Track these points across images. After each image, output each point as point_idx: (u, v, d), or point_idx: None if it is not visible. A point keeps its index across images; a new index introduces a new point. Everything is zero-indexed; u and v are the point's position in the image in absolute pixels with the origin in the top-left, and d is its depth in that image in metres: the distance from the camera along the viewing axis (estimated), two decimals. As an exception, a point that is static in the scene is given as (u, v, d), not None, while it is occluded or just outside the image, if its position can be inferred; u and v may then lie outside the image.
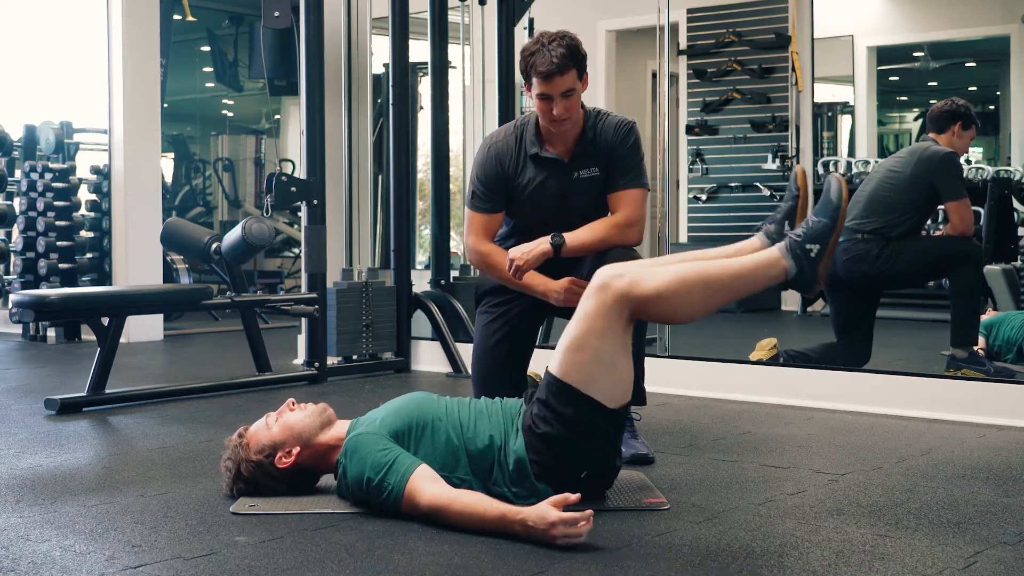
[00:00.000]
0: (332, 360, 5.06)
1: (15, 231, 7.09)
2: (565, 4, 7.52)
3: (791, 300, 7.24)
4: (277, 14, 5.58)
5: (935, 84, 8.33)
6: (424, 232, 7.95)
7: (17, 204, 7.08)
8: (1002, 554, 2.24)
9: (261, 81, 8.66)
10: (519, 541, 2.27)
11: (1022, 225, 6.36)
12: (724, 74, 7.84)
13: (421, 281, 5.69)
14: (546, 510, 2.26)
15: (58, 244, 6.80)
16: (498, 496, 2.45)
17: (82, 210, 7.02)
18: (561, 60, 2.95)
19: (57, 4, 7.31)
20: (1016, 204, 6.31)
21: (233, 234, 5.51)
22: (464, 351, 5.11)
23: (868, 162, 7.54)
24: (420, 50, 6.02)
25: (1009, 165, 7.15)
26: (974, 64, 8.33)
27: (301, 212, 5.04)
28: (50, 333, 6.62)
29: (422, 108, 7.66)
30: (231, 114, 12.24)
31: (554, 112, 3.00)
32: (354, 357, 5.15)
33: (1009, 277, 5.34)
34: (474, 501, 2.36)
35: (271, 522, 2.46)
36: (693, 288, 2.51)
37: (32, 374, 5.31)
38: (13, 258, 6.96)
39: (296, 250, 9.52)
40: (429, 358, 5.27)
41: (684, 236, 8.02)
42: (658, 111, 5.82)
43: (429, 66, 5.85)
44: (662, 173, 5.57)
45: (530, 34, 6.73)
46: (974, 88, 8.38)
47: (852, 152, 7.97)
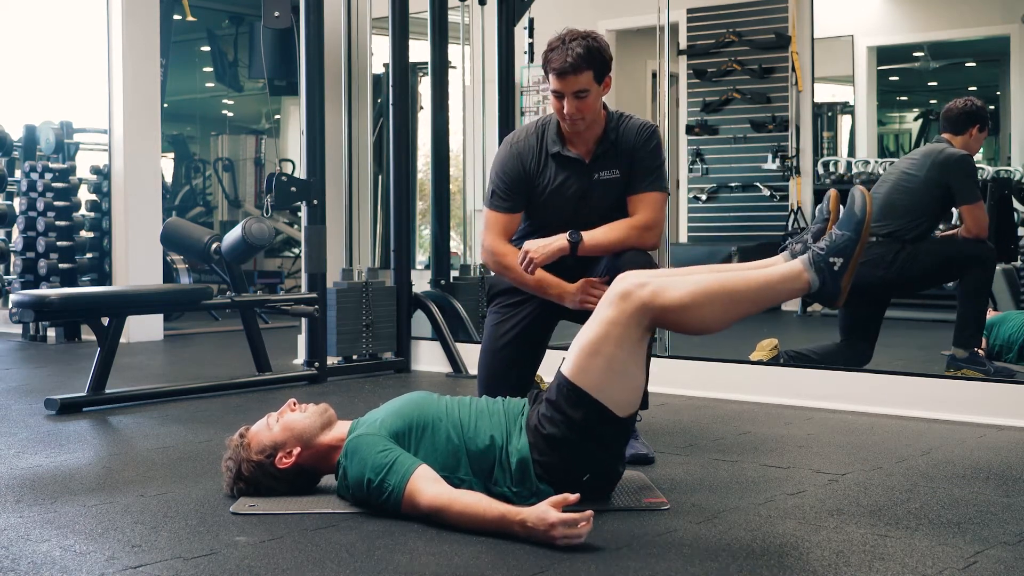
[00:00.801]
0: (332, 360, 5.06)
1: (15, 231, 7.09)
2: (565, 4, 7.52)
3: (791, 300, 7.23)
4: (277, 14, 5.58)
5: (935, 84, 8.33)
6: (424, 232, 7.95)
7: (17, 204, 7.08)
8: (1002, 554, 2.24)
9: (261, 81, 8.66)
10: (519, 541, 2.27)
11: (1022, 225, 6.37)
12: (724, 74, 7.84)
13: (421, 281, 5.69)
14: (546, 511, 2.26)
15: (58, 244, 6.80)
16: (499, 496, 2.45)
17: (82, 210, 7.02)
18: (576, 60, 2.94)
19: (57, 4, 7.31)
20: (1016, 204, 6.31)
21: (233, 234, 5.51)
22: (464, 351, 5.11)
23: (868, 162, 7.55)
24: (420, 50, 6.02)
25: (1009, 165, 7.15)
26: (974, 64, 8.33)
27: (301, 212, 5.04)
28: (50, 333, 6.62)
29: (422, 108, 7.66)
30: (231, 114, 12.24)
31: (565, 111, 3.00)
32: (354, 357, 5.15)
33: (1009, 277, 5.34)
34: (474, 501, 2.36)
35: (271, 522, 2.46)
36: (715, 299, 2.50)
37: (32, 374, 5.31)
38: (13, 258, 6.96)
39: (296, 250, 9.52)
40: (429, 358, 5.27)
41: (684, 236, 8.02)
42: (658, 111, 5.82)
43: (429, 66, 5.85)
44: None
45: (530, 34, 6.75)
46: (974, 88, 8.38)
47: (852, 152, 7.97)
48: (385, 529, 2.39)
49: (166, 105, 8.23)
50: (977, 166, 6.87)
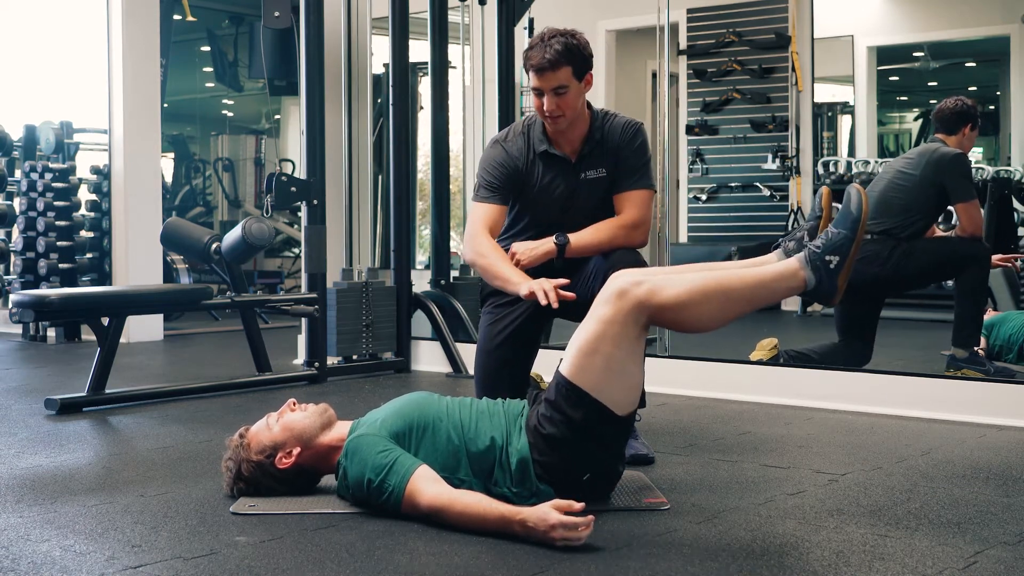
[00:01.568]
0: (332, 360, 5.06)
1: (15, 231, 7.09)
2: (565, 4, 7.52)
3: (791, 300, 7.23)
4: (277, 14, 5.58)
5: (935, 84, 8.32)
6: (424, 232, 7.95)
7: (17, 204, 7.08)
8: (1002, 554, 2.24)
9: (261, 81, 8.66)
10: (519, 541, 2.27)
11: (1022, 225, 6.36)
12: (724, 74, 7.84)
13: (421, 281, 5.69)
14: (547, 512, 2.26)
15: (58, 244, 6.80)
16: (499, 497, 2.45)
17: (82, 210, 7.02)
18: (554, 56, 2.94)
19: (57, 4, 7.31)
20: (1016, 204, 6.31)
21: (233, 234, 5.52)
22: (464, 351, 5.11)
23: (868, 162, 7.54)
24: (420, 50, 6.02)
25: (1009, 165, 7.14)
26: (974, 64, 8.33)
27: (301, 212, 5.04)
28: (50, 333, 6.62)
29: (422, 108, 7.66)
30: (231, 114, 12.24)
31: (545, 107, 3.00)
32: (354, 357, 5.15)
33: (1009, 277, 5.33)
34: (474, 501, 2.36)
35: (271, 522, 2.46)
36: (711, 298, 2.49)
37: (32, 374, 5.31)
38: (13, 258, 6.96)
39: (296, 250, 9.52)
40: (429, 358, 5.27)
41: (684, 236, 8.02)
42: (658, 111, 5.82)
43: (429, 66, 5.85)
44: (662, 173, 5.56)
45: (530, 34, 6.74)
46: (974, 88, 8.38)
47: (852, 152, 7.97)
48: (385, 529, 2.39)
49: (166, 105, 8.23)
50: (977, 166, 6.88)
